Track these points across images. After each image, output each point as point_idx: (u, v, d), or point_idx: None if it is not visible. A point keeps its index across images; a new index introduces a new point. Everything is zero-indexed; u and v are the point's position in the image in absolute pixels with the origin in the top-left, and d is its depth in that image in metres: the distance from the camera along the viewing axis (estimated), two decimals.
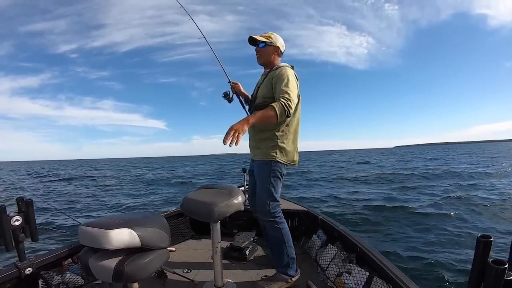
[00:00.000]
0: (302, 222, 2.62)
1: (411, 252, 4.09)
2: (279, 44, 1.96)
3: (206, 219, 1.60)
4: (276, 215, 1.85)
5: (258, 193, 1.88)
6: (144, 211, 8.00)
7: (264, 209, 1.84)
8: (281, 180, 1.87)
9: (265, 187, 1.83)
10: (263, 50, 1.94)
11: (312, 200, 8.55)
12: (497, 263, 0.67)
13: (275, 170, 1.82)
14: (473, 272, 0.73)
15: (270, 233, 1.88)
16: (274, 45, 1.94)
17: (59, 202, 9.90)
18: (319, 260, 2.11)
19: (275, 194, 1.83)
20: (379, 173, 16.23)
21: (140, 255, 1.21)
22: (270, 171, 1.81)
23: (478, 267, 0.71)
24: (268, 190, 1.82)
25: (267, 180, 1.82)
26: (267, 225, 1.88)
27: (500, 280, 0.66)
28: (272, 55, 1.95)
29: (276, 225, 1.84)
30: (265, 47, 1.93)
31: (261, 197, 1.86)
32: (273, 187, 1.82)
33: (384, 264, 1.53)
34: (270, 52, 1.94)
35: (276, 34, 1.97)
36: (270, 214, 1.83)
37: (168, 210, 2.81)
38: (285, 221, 1.89)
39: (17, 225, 1.53)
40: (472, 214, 6.04)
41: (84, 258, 1.20)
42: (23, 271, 1.57)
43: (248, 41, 1.96)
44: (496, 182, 10.79)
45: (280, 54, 2.00)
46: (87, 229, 1.19)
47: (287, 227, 1.89)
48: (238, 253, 2.30)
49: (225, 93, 2.26)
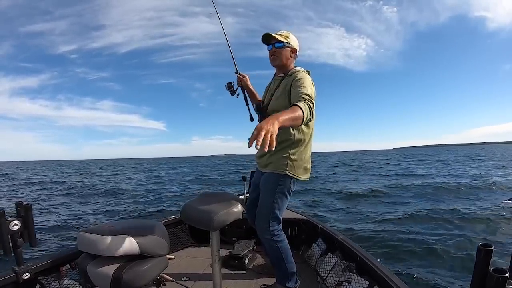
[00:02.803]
0: (302, 231, 2.60)
1: (412, 261, 4.05)
2: (297, 46, 1.78)
3: (205, 227, 1.59)
4: (275, 234, 1.72)
5: (260, 207, 1.75)
6: (143, 218, 7.95)
7: (262, 226, 1.72)
8: (287, 197, 1.72)
9: (268, 202, 1.69)
10: (280, 51, 1.74)
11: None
12: (498, 272, 0.67)
13: (283, 185, 1.67)
14: (473, 281, 0.73)
15: (269, 251, 1.79)
16: (292, 47, 1.76)
17: (58, 206, 9.84)
18: (318, 269, 2.09)
19: (277, 211, 1.70)
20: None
21: (139, 263, 1.20)
22: (277, 186, 1.66)
23: (479, 275, 0.71)
24: (271, 206, 1.68)
25: (271, 195, 1.68)
26: (265, 243, 1.77)
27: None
28: (289, 58, 1.77)
29: (274, 244, 1.72)
30: (283, 48, 1.73)
31: (261, 212, 1.73)
32: (277, 204, 1.68)
33: (384, 273, 1.51)
34: (288, 54, 1.76)
35: (293, 34, 1.76)
36: (268, 233, 1.71)
37: (167, 217, 2.80)
38: (284, 238, 1.77)
39: (15, 229, 1.52)
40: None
41: (82, 264, 1.19)
42: (21, 276, 1.56)
43: (262, 40, 1.76)
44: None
45: (296, 57, 1.83)
46: (86, 235, 1.19)
47: (286, 243, 1.78)
48: (238, 261, 2.28)
49: (229, 83, 2.04)
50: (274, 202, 1.68)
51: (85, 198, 12.11)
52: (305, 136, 1.68)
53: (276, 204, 1.68)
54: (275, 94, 1.75)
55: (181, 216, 1.73)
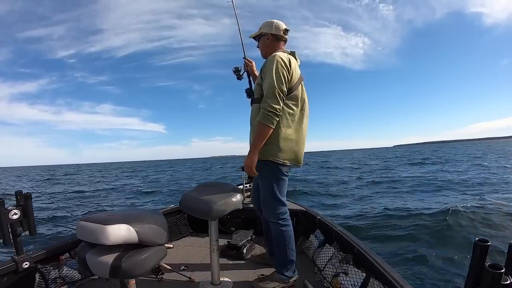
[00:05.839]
0: (300, 222, 2.62)
1: (409, 254, 4.10)
2: (272, 30, 1.83)
3: (204, 216, 1.60)
4: (281, 217, 1.78)
5: (261, 194, 1.82)
6: (143, 207, 7.98)
7: (268, 210, 1.79)
8: (284, 180, 1.78)
9: (267, 188, 1.76)
10: (260, 44, 1.90)
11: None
12: (494, 268, 0.67)
13: (274, 170, 1.72)
14: (469, 276, 0.73)
15: (273, 234, 1.83)
16: (268, 33, 1.84)
17: (59, 197, 9.82)
18: (316, 260, 2.11)
19: (279, 195, 1.76)
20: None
21: (138, 251, 1.21)
22: (269, 172, 1.73)
23: (474, 271, 0.71)
24: (271, 191, 1.75)
25: (268, 181, 1.75)
26: (271, 226, 1.83)
27: (496, 284, 0.66)
28: (269, 45, 1.85)
29: (280, 227, 1.78)
30: (261, 39, 1.89)
31: (264, 199, 1.80)
32: (276, 188, 1.74)
33: (381, 265, 1.53)
34: (266, 42, 1.86)
35: (268, 20, 1.86)
36: (274, 216, 1.78)
37: (166, 206, 2.81)
38: (290, 224, 1.83)
39: (15, 218, 1.53)
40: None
41: (81, 253, 1.20)
42: (20, 265, 1.57)
43: (255, 39, 1.94)
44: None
45: (280, 38, 1.85)
46: (85, 224, 1.19)
47: (291, 230, 1.82)
48: (236, 251, 2.30)
49: (236, 68, 2.13)
50: (272, 188, 1.74)
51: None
52: (291, 118, 1.71)
53: (275, 189, 1.74)
54: (256, 77, 1.88)
55: (180, 205, 1.73)
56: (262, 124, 1.61)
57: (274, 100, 1.60)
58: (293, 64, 1.72)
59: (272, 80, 1.61)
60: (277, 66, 1.64)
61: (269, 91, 1.61)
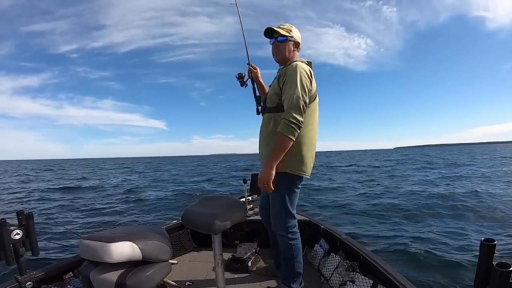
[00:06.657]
0: (304, 232, 2.60)
1: (416, 255, 4.04)
2: (299, 39, 1.76)
3: (207, 231, 1.59)
4: (290, 230, 1.74)
5: (271, 206, 1.77)
6: (145, 223, 7.90)
7: (278, 223, 1.75)
8: (296, 193, 1.74)
9: (279, 201, 1.71)
10: (282, 45, 1.73)
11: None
12: (502, 266, 0.67)
13: (287, 182, 1.67)
14: (478, 276, 0.73)
15: (281, 247, 1.79)
16: (295, 40, 1.74)
17: (59, 213, 9.68)
18: (322, 269, 2.08)
19: (290, 208, 1.71)
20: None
21: (142, 268, 1.20)
22: (284, 184, 1.66)
23: (482, 270, 0.71)
24: (283, 204, 1.70)
25: (281, 193, 1.69)
26: (279, 239, 1.79)
27: (505, 283, 0.66)
28: (292, 52, 1.75)
29: (289, 240, 1.74)
30: (286, 42, 1.72)
31: (275, 211, 1.75)
32: (288, 201, 1.70)
33: (388, 271, 1.51)
34: (291, 48, 1.74)
35: (291, 25, 1.75)
36: (284, 229, 1.73)
37: (169, 222, 2.79)
38: (298, 237, 1.78)
39: (17, 238, 1.51)
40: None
41: (85, 271, 1.19)
42: (24, 285, 1.55)
43: (264, 33, 1.75)
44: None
45: (299, 50, 1.80)
46: (87, 243, 1.18)
47: (300, 243, 1.78)
48: (240, 264, 2.27)
49: (240, 74, 2.04)
50: (283, 200, 1.69)
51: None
52: (303, 129, 1.63)
53: (286, 202, 1.69)
54: (271, 86, 1.79)
55: (182, 220, 1.72)
56: (285, 135, 1.53)
57: (298, 111, 1.53)
58: (313, 75, 1.69)
59: (297, 91, 1.55)
60: (301, 76, 1.59)
61: (294, 102, 1.54)
